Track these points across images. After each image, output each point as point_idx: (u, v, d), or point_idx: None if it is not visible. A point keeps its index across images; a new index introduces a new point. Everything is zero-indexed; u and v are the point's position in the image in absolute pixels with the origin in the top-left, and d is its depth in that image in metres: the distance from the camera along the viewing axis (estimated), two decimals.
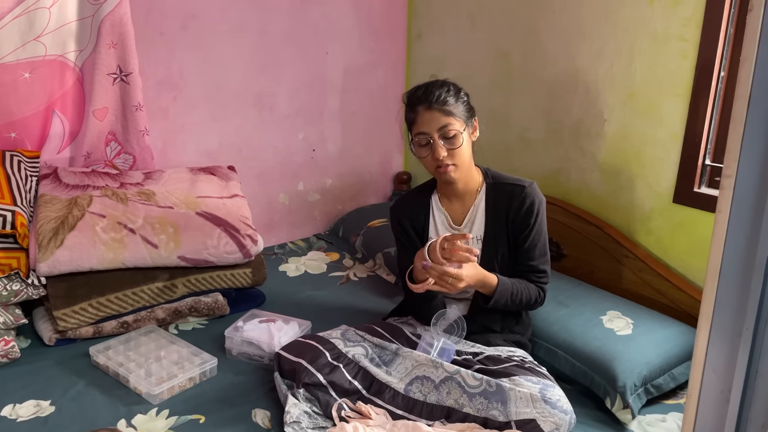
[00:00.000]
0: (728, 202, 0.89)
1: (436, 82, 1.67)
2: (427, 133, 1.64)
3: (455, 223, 1.77)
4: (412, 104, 1.67)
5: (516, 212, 1.70)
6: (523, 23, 2.39)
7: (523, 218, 1.69)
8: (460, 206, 1.77)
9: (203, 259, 2.00)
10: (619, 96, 2.11)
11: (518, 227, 1.70)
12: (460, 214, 1.77)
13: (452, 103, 1.64)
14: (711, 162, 1.94)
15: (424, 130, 1.64)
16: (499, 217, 1.72)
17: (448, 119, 1.62)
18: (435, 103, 1.62)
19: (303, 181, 2.81)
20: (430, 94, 1.64)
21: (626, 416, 1.60)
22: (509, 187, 1.73)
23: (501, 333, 1.76)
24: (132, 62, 2.14)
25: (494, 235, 1.73)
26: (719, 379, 0.95)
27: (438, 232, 1.77)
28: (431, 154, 1.65)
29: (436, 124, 1.63)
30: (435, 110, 1.62)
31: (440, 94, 1.63)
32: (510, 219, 1.71)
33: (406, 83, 2.97)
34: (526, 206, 1.69)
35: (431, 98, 1.63)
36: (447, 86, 1.66)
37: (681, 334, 1.79)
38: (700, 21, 1.87)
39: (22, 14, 1.95)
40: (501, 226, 1.72)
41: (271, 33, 2.52)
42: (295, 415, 1.49)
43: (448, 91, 1.65)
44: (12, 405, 1.58)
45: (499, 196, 1.73)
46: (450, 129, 1.62)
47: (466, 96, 1.70)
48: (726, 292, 0.92)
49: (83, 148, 2.19)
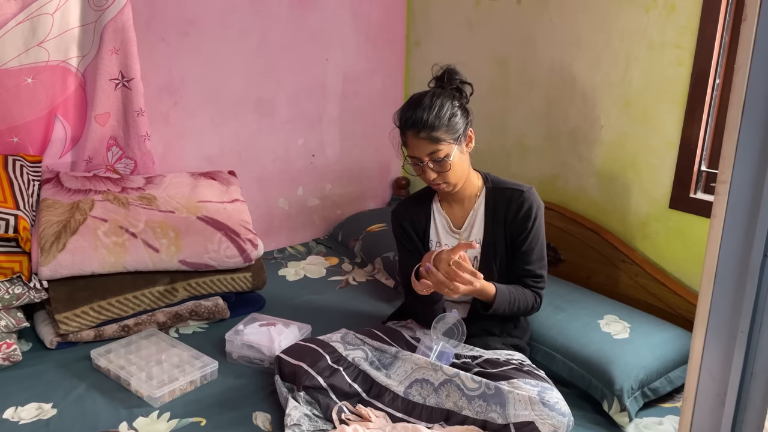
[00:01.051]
0: (723, 208, 0.91)
1: (423, 102, 1.62)
2: (417, 157, 1.65)
3: (455, 226, 1.79)
4: (401, 128, 1.67)
5: (514, 216, 1.72)
6: (521, 31, 2.41)
7: (521, 222, 1.71)
8: (461, 210, 1.79)
9: (204, 263, 2.01)
10: (615, 103, 2.13)
11: (516, 231, 1.72)
12: (461, 218, 1.79)
13: (440, 126, 1.60)
14: (707, 168, 1.96)
15: (414, 154, 1.66)
16: (497, 221, 1.74)
17: (435, 146, 1.61)
18: (422, 131, 1.60)
19: (302, 186, 2.83)
20: (417, 121, 1.60)
21: (623, 419, 1.61)
22: (508, 191, 1.75)
23: (500, 336, 1.78)
24: (134, 68, 2.15)
25: (493, 238, 1.74)
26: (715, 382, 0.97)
27: (439, 236, 1.79)
28: (423, 175, 1.68)
29: (425, 150, 1.63)
30: (422, 138, 1.61)
31: (427, 120, 1.59)
32: (508, 223, 1.73)
33: (405, 90, 2.99)
34: (524, 210, 1.71)
35: (418, 125, 1.60)
36: (434, 107, 1.60)
37: (677, 338, 1.81)
38: (695, 29, 1.89)
39: (25, 20, 1.96)
40: (499, 230, 1.74)
41: (271, 39, 2.55)
42: (295, 418, 1.50)
43: (438, 115, 1.60)
44: (14, 408, 1.59)
45: (498, 201, 1.75)
46: (438, 154, 1.62)
47: (459, 108, 1.64)
48: (721, 295, 0.94)
49: (85, 152, 2.20)
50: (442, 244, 1.79)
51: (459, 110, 1.65)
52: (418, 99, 1.64)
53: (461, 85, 1.70)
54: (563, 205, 2.34)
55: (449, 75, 1.69)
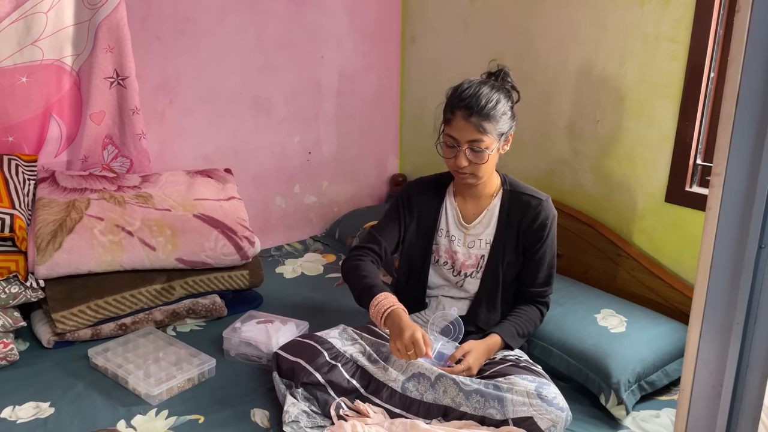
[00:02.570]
0: (718, 200, 0.91)
1: (483, 90, 1.59)
2: (456, 139, 1.62)
3: (465, 221, 1.78)
4: (452, 105, 1.62)
5: (529, 225, 1.71)
6: (516, 26, 2.41)
7: (536, 232, 1.71)
8: (474, 206, 1.78)
9: (201, 261, 2.01)
10: (610, 98, 2.14)
11: (529, 240, 1.72)
12: (472, 215, 1.78)
13: (491, 118, 1.59)
14: (702, 162, 1.97)
15: (454, 135, 1.61)
16: (511, 226, 1.73)
17: (479, 135, 1.59)
18: (474, 115, 1.57)
19: (299, 184, 2.82)
20: (473, 105, 1.57)
21: (620, 412, 1.62)
22: (525, 197, 1.74)
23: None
24: (129, 66, 2.15)
25: (503, 241, 1.74)
26: (711, 374, 0.97)
27: (449, 226, 1.79)
28: (454, 160, 1.64)
29: (468, 136, 1.59)
30: (472, 123, 1.58)
31: (483, 107, 1.57)
32: (522, 230, 1.72)
33: (401, 86, 2.99)
34: (540, 221, 1.71)
35: (472, 109, 1.57)
36: (492, 99, 1.59)
37: (674, 332, 1.82)
38: (690, 23, 1.89)
39: (19, 19, 1.96)
40: (511, 234, 1.73)
41: (267, 37, 2.54)
42: (293, 415, 1.50)
43: (494, 107, 1.58)
44: (12, 407, 1.59)
45: (514, 205, 1.74)
46: (479, 144, 1.60)
47: (510, 109, 1.64)
48: (717, 287, 0.94)
49: (80, 151, 2.20)
50: (450, 235, 1.78)
51: (510, 111, 1.64)
52: (479, 84, 1.62)
53: (512, 89, 1.69)
54: (559, 201, 2.33)
55: (503, 75, 1.69)
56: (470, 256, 1.76)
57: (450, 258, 1.78)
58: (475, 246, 1.76)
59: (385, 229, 1.81)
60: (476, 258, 1.76)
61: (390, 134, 3.05)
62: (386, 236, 1.79)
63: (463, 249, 1.77)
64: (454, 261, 1.78)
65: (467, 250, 1.77)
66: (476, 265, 1.76)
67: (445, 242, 1.78)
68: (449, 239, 1.78)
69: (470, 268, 1.77)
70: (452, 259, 1.78)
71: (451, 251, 1.78)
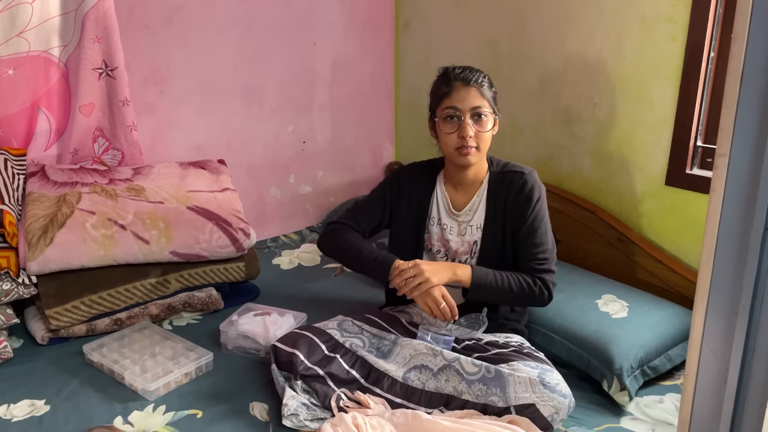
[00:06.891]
0: (722, 181, 0.89)
1: (472, 68, 1.70)
2: (459, 109, 1.64)
3: (455, 209, 1.77)
4: (449, 78, 1.68)
5: (514, 199, 1.70)
6: (511, 10, 2.37)
7: (522, 205, 1.69)
8: (463, 194, 1.77)
9: (195, 253, 1.98)
10: (608, 80, 2.11)
11: (516, 214, 1.70)
12: (462, 203, 1.77)
13: (487, 92, 1.67)
14: (702, 143, 1.94)
15: (456, 105, 1.64)
16: (498, 205, 1.72)
17: (482, 101, 1.65)
18: (474, 82, 1.65)
19: (294, 174, 2.79)
20: (470, 73, 1.67)
21: (623, 398, 1.60)
22: (509, 174, 1.73)
23: (497, 321, 1.76)
24: (117, 57, 2.11)
25: (494, 223, 1.72)
26: (716, 359, 0.95)
27: (440, 214, 1.77)
28: (458, 132, 1.65)
29: (471, 103, 1.64)
30: (473, 87, 1.64)
31: (479, 77, 1.67)
32: (509, 206, 1.71)
33: (395, 73, 2.95)
34: (525, 193, 1.69)
35: (471, 77, 1.66)
36: (484, 74, 1.70)
37: (676, 316, 1.80)
38: (688, 2, 1.86)
39: (4, 10, 1.91)
40: (500, 213, 1.72)
41: (258, 25, 2.50)
42: (293, 408, 1.49)
43: (485, 78, 1.69)
44: (6, 405, 1.57)
45: (500, 185, 1.73)
46: (482, 110, 1.64)
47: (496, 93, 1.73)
48: (722, 270, 0.92)
49: (70, 144, 2.16)
50: (442, 223, 1.76)
51: (496, 94, 1.73)
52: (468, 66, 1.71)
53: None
54: (558, 186, 2.31)
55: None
56: (463, 243, 1.75)
57: (443, 246, 1.77)
58: (467, 233, 1.74)
59: (365, 210, 1.81)
60: (469, 245, 1.74)
61: (385, 122, 3.01)
62: (367, 218, 1.81)
63: (456, 238, 1.75)
64: (447, 249, 1.76)
65: (460, 238, 1.75)
66: (470, 251, 1.74)
67: (437, 230, 1.77)
68: (441, 227, 1.76)
69: (464, 255, 1.75)
70: (445, 248, 1.77)
71: (444, 239, 1.76)
